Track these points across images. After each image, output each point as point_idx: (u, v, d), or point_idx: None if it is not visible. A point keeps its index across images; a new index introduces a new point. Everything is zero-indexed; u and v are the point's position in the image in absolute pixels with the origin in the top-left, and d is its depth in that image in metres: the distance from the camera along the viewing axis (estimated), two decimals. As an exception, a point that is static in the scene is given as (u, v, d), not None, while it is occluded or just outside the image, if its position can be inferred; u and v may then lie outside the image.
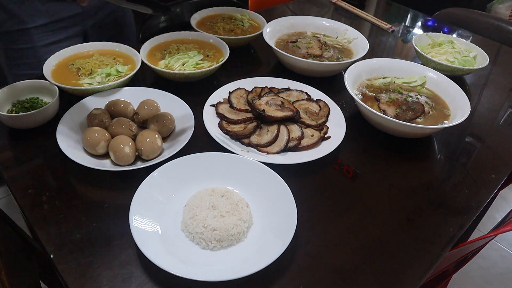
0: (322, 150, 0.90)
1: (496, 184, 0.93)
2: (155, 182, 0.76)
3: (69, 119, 0.90)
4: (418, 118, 1.00)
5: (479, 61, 1.29)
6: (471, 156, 1.02)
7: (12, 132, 0.91)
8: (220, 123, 0.95)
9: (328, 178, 0.89)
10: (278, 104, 0.97)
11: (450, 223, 0.81)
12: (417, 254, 0.74)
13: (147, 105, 0.93)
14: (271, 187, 0.78)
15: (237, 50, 1.29)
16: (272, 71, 1.26)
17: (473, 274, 1.85)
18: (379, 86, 1.12)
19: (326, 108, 1.03)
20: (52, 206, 0.76)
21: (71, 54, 1.09)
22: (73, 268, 0.65)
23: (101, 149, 0.83)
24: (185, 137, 0.87)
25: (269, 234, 0.71)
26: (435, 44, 1.36)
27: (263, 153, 0.89)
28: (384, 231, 0.78)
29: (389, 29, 1.60)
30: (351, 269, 0.70)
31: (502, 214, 2.06)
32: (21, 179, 0.81)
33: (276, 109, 0.95)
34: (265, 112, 0.92)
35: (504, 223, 1.01)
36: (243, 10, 1.45)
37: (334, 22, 1.39)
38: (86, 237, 0.71)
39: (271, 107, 0.95)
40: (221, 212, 0.72)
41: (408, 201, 0.85)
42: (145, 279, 0.65)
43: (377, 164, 0.94)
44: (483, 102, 1.22)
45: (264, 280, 0.66)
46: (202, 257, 0.69)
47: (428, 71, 1.15)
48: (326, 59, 1.21)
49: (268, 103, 0.95)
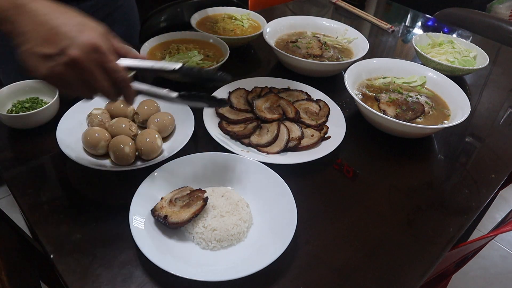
0: (322, 150, 0.90)
1: (496, 184, 0.93)
2: (155, 182, 0.76)
3: (69, 119, 0.90)
4: (418, 118, 1.01)
5: (479, 61, 1.29)
6: (471, 156, 1.02)
7: (12, 132, 0.91)
8: (220, 123, 0.95)
9: (328, 178, 0.89)
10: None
11: (450, 223, 0.81)
12: (417, 254, 0.74)
13: (147, 105, 0.93)
14: (271, 187, 0.78)
15: (237, 50, 1.29)
16: (272, 71, 1.26)
17: (473, 274, 1.85)
18: (379, 86, 1.12)
19: (326, 108, 1.03)
20: (52, 206, 0.76)
21: (71, 54, 1.08)
22: (73, 268, 0.65)
23: (101, 149, 0.83)
24: (185, 137, 0.87)
25: (269, 234, 0.71)
26: (435, 44, 1.36)
27: (263, 153, 0.89)
28: (384, 231, 0.78)
29: (389, 29, 1.60)
30: (351, 269, 0.70)
31: (502, 214, 2.06)
32: (21, 179, 0.81)
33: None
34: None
35: (504, 223, 1.01)
36: (243, 10, 1.45)
37: (334, 22, 1.39)
38: (86, 237, 0.71)
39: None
40: (221, 212, 0.72)
41: (408, 201, 0.85)
42: (145, 279, 0.65)
43: (377, 164, 0.94)
44: (483, 102, 1.22)
45: (264, 280, 0.66)
46: (202, 257, 0.69)
47: (428, 71, 1.15)
48: (326, 59, 1.21)
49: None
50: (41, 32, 0.56)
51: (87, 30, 0.58)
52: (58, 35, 0.56)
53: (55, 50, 0.56)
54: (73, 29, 0.57)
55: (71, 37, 0.56)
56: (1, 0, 0.57)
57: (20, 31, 0.57)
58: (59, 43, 0.56)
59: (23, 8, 0.57)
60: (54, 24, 0.56)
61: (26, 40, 0.57)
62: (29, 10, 0.57)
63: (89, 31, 0.58)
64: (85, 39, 0.57)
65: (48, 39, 0.56)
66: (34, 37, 0.57)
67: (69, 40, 0.56)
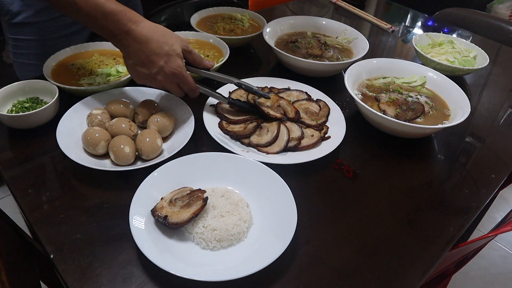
0: (322, 150, 0.90)
1: (496, 184, 0.93)
2: (155, 182, 0.76)
3: (69, 119, 0.90)
4: (418, 118, 1.01)
5: (479, 61, 1.29)
6: (471, 156, 1.02)
7: (12, 132, 0.91)
8: (220, 123, 0.95)
9: (328, 178, 0.89)
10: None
11: (450, 223, 0.81)
12: (417, 254, 0.74)
13: (147, 105, 0.93)
14: (271, 187, 0.78)
15: (237, 50, 1.29)
16: (272, 71, 1.26)
17: (473, 274, 1.85)
18: (379, 86, 1.12)
19: (326, 108, 1.03)
20: (52, 206, 0.76)
21: (71, 54, 1.09)
22: (73, 268, 0.65)
23: (101, 149, 0.83)
24: (185, 137, 0.87)
25: (269, 234, 0.71)
26: (435, 44, 1.36)
27: (263, 153, 0.89)
28: (384, 231, 0.78)
29: (389, 29, 1.60)
30: (351, 269, 0.70)
31: (502, 214, 2.06)
32: (21, 179, 0.81)
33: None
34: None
35: (504, 223, 1.01)
36: (243, 10, 1.45)
37: (334, 22, 1.39)
38: (86, 237, 0.71)
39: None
40: (221, 212, 0.72)
41: (408, 201, 0.85)
42: (145, 279, 0.65)
43: (377, 164, 0.94)
44: (483, 102, 1.22)
45: (264, 280, 0.66)
46: (202, 257, 0.69)
47: (428, 71, 1.15)
48: (326, 59, 1.21)
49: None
50: (140, 56, 0.83)
51: (172, 61, 0.84)
52: (151, 63, 0.84)
53: (148, 72, 0.85)
54: (162, 60, 0.84)
55: (160, 66, 0.84)
56: (112, 26, 0.81)
57: (125, 50, 0.85)
58: (151, 69, 0.85)
59: (129, 33, 0.82)
60: (150, 52, 0.83)
61: (129, 57, 0.85)
62: (133, 36, 0.82)
63: (172, 61, 0.84)
64: (169, 69, 0.85)
65: (144, 64, 0.84)
66: (135, 58, 0.84)
67: (158, 68, 0.84)
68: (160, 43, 0.83)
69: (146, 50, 0.82)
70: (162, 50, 0.83)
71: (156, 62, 0.83)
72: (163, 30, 0.85)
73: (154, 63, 0.83)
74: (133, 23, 0.81)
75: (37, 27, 1.14)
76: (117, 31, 0.81)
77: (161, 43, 0.83)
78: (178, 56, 0.85)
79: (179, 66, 0.85)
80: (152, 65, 0.84)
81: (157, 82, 0.87)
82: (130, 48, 0.83)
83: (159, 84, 0.88)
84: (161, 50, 0.83)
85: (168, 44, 0.84)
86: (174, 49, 0.84)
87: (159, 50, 0.83)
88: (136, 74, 0.87)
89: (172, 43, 0.84)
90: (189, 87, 0.89)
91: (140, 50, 0.83)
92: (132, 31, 0.81)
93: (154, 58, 0.83)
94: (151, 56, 0.83)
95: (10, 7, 1.10)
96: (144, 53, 0.83)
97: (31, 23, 1.13)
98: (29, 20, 1.12)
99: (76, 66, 1.04)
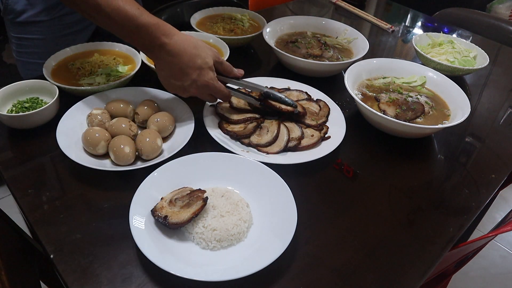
0: (322, 150, 0.90)
1: (496, 184, 0.93)
2: (155, 182, 0.76)
3: (69, 119, 0.90)
4: (418, 118, 1.01)
5: (479, 61, 1.29)
6: (471, 156, 1.02)
7: (12, 132, 0.91)
8: (220, 123, 0.95)
9: (328, 178, 0.89)
10: None
11: (450, 223, 0.81)
12: (417, 254, 0.74)
13: (147, 105, 0.93)
14: (271, 187, 0.78)
15: (237, 50, 1.29)
16: (272, 71, 1.26)
17: (473, 274, 1.86)
18: (379, 86, 1.12)
19: (326, 108, 1.03)
20: (52, 206, 0.76)
21: (71, 54, 1.09)
22: (73, 268, 0.65)
23: (101, 149, 0.83)
24: (185, 137, 0.87)
25: (269, 234, 0.71)
26: (435, 44, 1.36)
27: (263, 153, 0.89)
28: (384, 231, 0.78)
29: (389, 29, 1.60)
30: (351, 269, 0.70)
31: (502, 214, 2.06)
32: (21, 179, 0.81)
33: None
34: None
35: (504, 223, 1.01)
36: (243, 10, 1.45)
37: (334, 22, 1.39)
38: (86, 237, 0.71)
39: None
40: (221, 212, 0.72)
41: (408, 201, 0.85)
42: (145, 279, 0.65)
43: (377, 164, 0.94)
44: (483, 102, 1.22)
45: (264, 280, 0.66)
46: (202, 257, 0.69)
47: (428, 71, 1.15)
48: (326, 59, 1.21)
49: None
50: (173, 69, 0.85)
51: (203, 74, 0.86)
52: (185, 76, 0.85)
53: (181, 84, 0.87)
54: (195, 73, 0.85)
55: (193, 79, 0.85)
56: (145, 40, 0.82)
57: (157, 62, 0.86)
58: (185, 82, 0.86)
59: (162, 47, 0.83)
60: (183, 65, 0.84)
61: (161, 69, 0.87)
62: (167, 50, 0.83)
63: (205, 75, 0.86)
64: (201, 82, 0.86)
65: (177, 77, 0.86)
66: (167, 71, 0.86)
67: (191, 81, 0.86)
68: (193, 56, 0.84)
69: (179, 63, 0.83)
70: (195, 63, 0.84)
71: (189, 75, 0.84)
72: (195, 42, 0.86)
73: (188, 75, 0.85)
74: (166, 36, 0.82)
75: (41, 26, 1.15)
76: (150, 45, 0.82)
77: (193, 56, 0.84)
78: (210, 68, 0.86)
79: (211, 78, 0.87)
80: (185, 78, 0.85)
81: (190, 93, 0.89)
82: (163, 61, 0.84)
83: (192, 95, 0.90)
84: (194, 64, 0.84)
85: (201, 57, 0.85)
86: (206, 62, 0.85)
87: (192, 63, 0.84)
88: (169, 85, 0.89)
89: (204, 56, 0.85)
90: (221, 95, 0.91)
91: (173, 63, 0.84)
92: (166, 44, 0.82)
93: (188, 71, 0.84)
94: (184, 69, 0.84)
95: (14, 6, 1.11)
96: (177, 66, 0.84)
97: (35, 22, 1.13)
98: (33, 19, 1.13)
99: (76, 66, 1.04)
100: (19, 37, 1.18)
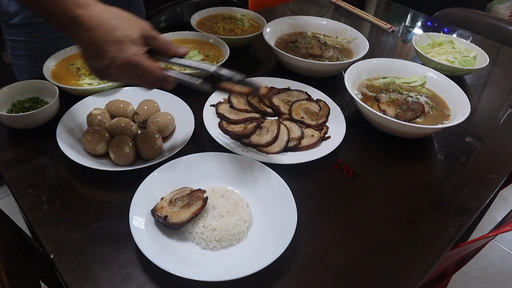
0: (322, 150, 0.90)
1: (496, 184, 0.93)
2: (155, 182, 0.76)
3: (69, 119, 0.90)
4: (418, 118, 1.01)
5: (479, 61, 1.29)
6: (471, 156, 1.02)
7: (12, 132, 0.91)
8: (220, 123, 0.95)
9: (328, 178, 0.89)
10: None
11: (450, 223, 0.81)
12: (417, 254, 0.74)
13: (147, 105, 0.93)
14: (271, 187, 0.78)
15: (237, 50, 1.29)
16: (272, 71, 1.26)
17: (473, 274, 1.86)
18: (379, 86, 1.12)
19: (326, 108, 1.03)
20: (52, 206, 0.76)
21: (71, 54, 1.09)
22: (73, 268, 0.65)
23: (101, 149, 0.83)
24: (185, 137, 0.87)
25: (269, 234, 0.71)
26: (435, 44, 1.36)
27: (263, 153, 0.89)
28: (384, 231, 0.78)
29: (389, 29, 1.60)
30: (351, 269, 0.70)
31: (502, 214, 2.06)
32: (21, 179, 0.81)
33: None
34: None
35: (504, 223, 1.01)
36: (243, 10, 1.45)
37: (334, 22, 1.39)
38: (86, 237, 0.71)
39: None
40: (221, 212, 0.72)
41: (408, 201, 0.85)
42: (145, 279, 0.65)
43: (377, 164, 0.94)
44: (483, 102, 1.22)
45: (264, 280, 0.66)
46: (202, 257, 0.69)
47: (428, 71, 1.15)
48: (326, 59, 1.21)
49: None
50: (91, 47, 0.69)
51: (125, 49, 0.68)
52: (102, 53, 0.68)
53: (101, 65, 0.69)
54: (113, 49, 0.68)
55: (112, 56, 0.68)
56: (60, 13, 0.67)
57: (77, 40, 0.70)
58: (103, 61, 0.69)
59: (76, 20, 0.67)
60: (99, 41, 0.67)
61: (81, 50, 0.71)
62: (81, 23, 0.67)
63: (126, 50, 0.68)
64: (121, 59, 0.68)
65: (95, 56, 0.69)
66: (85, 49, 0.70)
67: (110, 59, 0.68)
68: (111, 28, 0.68)
69: (95, 38, 0.68)
70: (112, 36, 0.68)
71: (107, 52, 0.68)
72: (116, 13, 0.70)
73: (105, 53, 0.68)
74: (80, 7, 0.67)
75: (34, 28, 1.13)
76: (64, 19, 0.68)
77: (112, 28, 0.68)
78: (132, 42, 0.69)
79: (134, 54, 0.69)
80: (103, 55, 0.68)
81: (113, 77, 0.71)
82: (79, 38, 0.69)
83: (117, 79, 0.73)
84: (111, 37, 0.68)
85: (120, 29, 0.68)
86: (127, 35, 0.69)
87: (109, 36, 0.68)
88: (91, 68, 0.72)
89: (126, 27, 0.69)
90: (154, 77, 0.72)
91: (89, 39, 0.68)
92: (79, 17, 0.67)
93: (105, 47, 0.68)
94: (101, 45, 0.68)
95: (8, 8, 1.09)
96: (94, 42, 0.68)
97: (28, 24, 1.12)
98: (27, 21, 1.11)
99: (76, 66, 1.04)
100: (13, 40, 1.16)
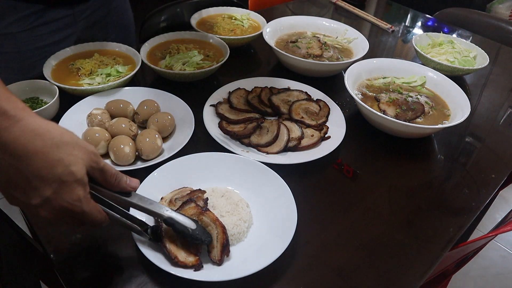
0: (322, 150, 0.90)
1: (496, 184, 0.93)
2: (155, 182, 0.76)
3: (69, 119, 0.90)
4: (418, 118, 1.01)
5: (479, 61, 1.29)
6: (471, 156, 1.02)
7: (12, 132, 0.91)
8: (220, 123, 0.95)
9: (328, 178, 0.89)
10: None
11: (450, 223, 0.81)
12: (417, 254, 0.74)
13: (147, 105, 0.93)
14: (271, 187, 0.78)
15: (237, 50, 1.29)
16: (272, 71, 1.26)
17: (473, 274, 1.86)
18: (379, 86, 1.12)
19: (326, 108, 1.03)
20: (52, 206, 0.76)
21: (71, 54, 1.09)
22: (73, 268, 0.65)
23: (101, 149, 0.83)
24: (185, 137, 0.87)
25: (269, 234, 0.71)
26: (435, 44, 1.36)
27: (263, 153, 0.89)
28: (384, 231, 0.78)
29: (389, 29, 1.60)
30: (351, 269, 0.70)
31: (502, 214, 2.06)
32: (21, 179, 0.81)
33: None
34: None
35: (504, 223, 1.01)
36: (243, 10, 1.45)
37: (334, 22, 1.39)
38: (86, 237, 0.71)
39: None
40: (221, 212, 0.72)
41: (408, 201, 0.85)
42: (145, 279, 0.65)
43: (377, 164, 0.94)
44: (483, 102, 1.22)
45: (264, 280, 0.66)
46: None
47: (428, 71, 1.15)
48: (326, 59, 1.21)
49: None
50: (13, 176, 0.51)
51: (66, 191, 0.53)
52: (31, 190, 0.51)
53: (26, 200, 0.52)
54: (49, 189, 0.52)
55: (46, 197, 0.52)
56: None
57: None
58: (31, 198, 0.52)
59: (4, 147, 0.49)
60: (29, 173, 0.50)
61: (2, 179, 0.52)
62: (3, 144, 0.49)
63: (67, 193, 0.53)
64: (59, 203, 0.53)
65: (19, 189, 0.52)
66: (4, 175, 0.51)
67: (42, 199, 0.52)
68: (50, 160, 0.51)
69: (23, 169, 0.50)
70: (49, 172, 0.51)
71: (39, 189, 0.51)
72: (58, 135, 0.52)
73: (36, 190, 0.51)
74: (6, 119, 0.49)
75: (12, 39, 1.07)
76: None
77: (51, 160, 0.51)
78: (78, 182, 0.53)
79: (77, 199, 0.54)
80: (31, 192, 0.51)
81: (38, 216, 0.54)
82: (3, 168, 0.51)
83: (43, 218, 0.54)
84: (48, 173, 0.51)
85: (63, 164, 0.51)
86: (71, 172, 0.52)
87: (45, 172, 0.51)
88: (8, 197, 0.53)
89: (70, 161, 0.52)
90: (91, 222, 0.58)
91: (13, 167, 0.50)
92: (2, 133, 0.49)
93: (37, 184, 0.51)
94: (31, 181, 0.51)
95: None
96: (21, 172, 0.50)
97: (5, 34, 1.06)
98: (4, 31, 1.05)
99: (76, 66, 1.04)
100: None
